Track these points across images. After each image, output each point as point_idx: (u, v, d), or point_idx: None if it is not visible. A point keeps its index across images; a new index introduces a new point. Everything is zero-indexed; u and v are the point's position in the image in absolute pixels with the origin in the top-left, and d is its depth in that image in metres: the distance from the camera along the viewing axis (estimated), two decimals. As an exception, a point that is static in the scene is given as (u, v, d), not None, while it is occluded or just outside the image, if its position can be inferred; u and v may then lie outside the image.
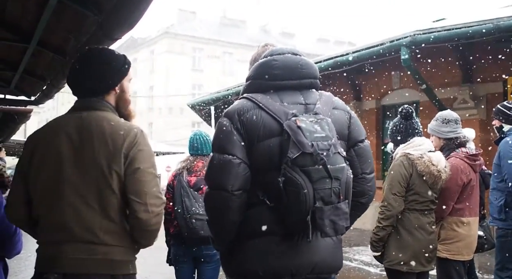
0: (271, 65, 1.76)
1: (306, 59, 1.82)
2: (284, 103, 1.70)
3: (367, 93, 10.16)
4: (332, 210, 1.56)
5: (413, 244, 2.99)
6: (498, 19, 6.34)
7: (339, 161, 1.58)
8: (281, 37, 42.40)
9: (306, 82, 1.78)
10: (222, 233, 1.73)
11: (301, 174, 1.52)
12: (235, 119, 1.67)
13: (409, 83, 8.76)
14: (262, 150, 1.64)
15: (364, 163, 1.79)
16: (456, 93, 8.05)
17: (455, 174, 3.19)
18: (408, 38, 6.99)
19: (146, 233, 1.76)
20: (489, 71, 7.64)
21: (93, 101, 1.84)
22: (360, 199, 1.79)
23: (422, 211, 3.05)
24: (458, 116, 3.45)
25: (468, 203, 3.31)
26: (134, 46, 40.94)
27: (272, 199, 1.62)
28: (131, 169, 1.72)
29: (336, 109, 1.78)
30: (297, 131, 1.56)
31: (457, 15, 9.72)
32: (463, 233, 3.26)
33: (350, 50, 8.67)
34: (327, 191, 1.54)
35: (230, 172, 1.62)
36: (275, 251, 1.64)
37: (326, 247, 1.70)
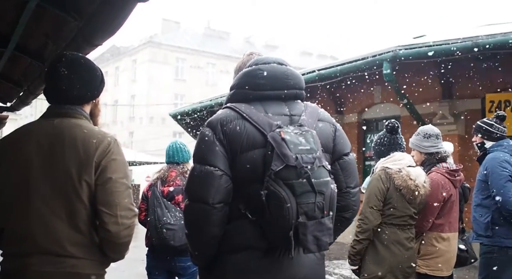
0: (256, 75, 1.72)
1: (292, 69, 1.78)
2: (268, 114, 1.65)
3: (348, 106, 10.24)
4: (315, 226, 1.51)
5: (389, 258, 2.97)
6: (477, 37, 6.48)
7: (323, 174, 1.54)
8: (265, 49, 42.68)
9: (292, 92, 1.74)
10: (202, 248, 1.66)
11: (284, 187, 1.47)
12: (217, 129, 1.61)
13: (391, 97, 8.86)
14: (245, 162, 1.58)
15: (349, 177, 1.75)
16: (436, 109, 8.17)
17: (435, 190, 3.20)
18: (390, 53, 7.08)
19: (115, 246, 1.69)
20: (468, 87, 7.79)
21: (67, 108, 1.77)
22: (344, 213, 1.74)
23: (400, 226, 3.03)
24: (439, 131, 3.48)
25: (448, 219, 3.31)
26: (117, 54, 40.68)
27: (254, 212, 1.57)
28: (103, 179, 1.66)
29: (321, 121, 1.74)
30: (281, 143, 1.51)
31: (437, 32, 9.93)
32: (442, 249, 3.26)
33: (333, 64, 8.76)
34: (310, 205, 1.49)
35: (211, 184, 1.56)
36: (256, 267, 1.58)
37: (309, 264, 1.65)
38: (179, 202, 3.30)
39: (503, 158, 3.51)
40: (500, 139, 3.67)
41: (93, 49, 2.58)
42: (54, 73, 1.78)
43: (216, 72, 37.61)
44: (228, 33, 42.82)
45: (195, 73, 36.68)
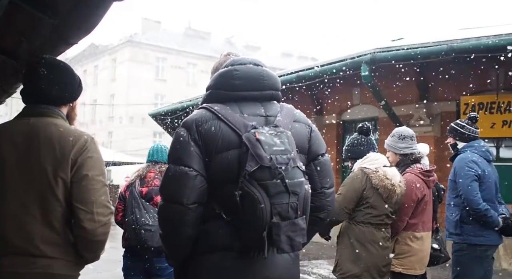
0: (232, 75, 1.72)
1: (268, 70, 1.78)
2: (244, 115, 1.65)
3: (328, 108, 10.34)
4: (289, 226, 1.51)
5: (366, 257, 3.02)
6: (453, 40, 6.63)
7: (297, 175, 1.54)
8: (246, 50, 42.67)
9: (268, 93, 1.74)
10: (176, 248, 1.66)
11: (258, 188, 1.47)
12: (192, 130, 1.61)
13: (369, 99, 8.99)
14: (220, 162, 1.58)
15: (324, 177, 1.76)
16: (413, 111, 8.32)
17: (409, 190, 3.26)
18: (368, 55, 7.18)
19: (91, 244, 1.68)
20: (444, 90, 7.96)
21: (44, 107, 1.77)
22: (319, 214, 1.75)
23: (377, 225, 3.08)
24: (414, 133, 3.55)
25: (422, 218, 3.38)
26: (95, 53, 40.09)
27: (229, 213, 1.57)
28: (79, 176, 1.65)
29: (297, 122, 1.75)
30: (255, 144, 1.51)
31: (415, 36, 10.11)
32: (416, 248, 3.33)
33: (312, 65, 8.83)
34: (284, 206, 1.50)
35: (186, 184, 1.55)
36: (230, 268, 1.58)
37: (283, 264, 1.65)
38: (157, 203, 3.26)
39: (470, 159, 3.63)
40: (472, 140, 3.77)
41: (69, 47, 2.56)
42: (33, 74, 1.79)
43: (197, 72, 37.44)
44: (209, 33, 42.69)
45: (175, 73, 36.45)
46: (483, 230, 3.57)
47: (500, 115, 7.55)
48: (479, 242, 3.57)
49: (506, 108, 7.52)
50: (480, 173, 3.58)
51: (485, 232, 3.57)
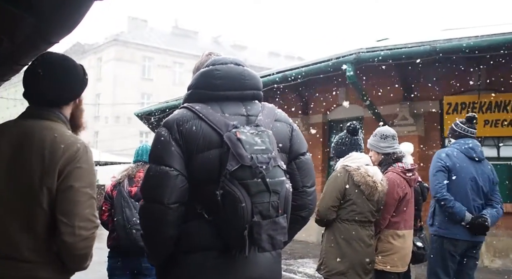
0: (213, 75, 1.72)
1: (249, 70, 1.79)
2: (225, 114, 1.65)
3: (314, 107, 10.39)
4: (270, 225, 1.53)
5: (351, 255, 3.06)
6: (435, 41, 6.73)
7: (278, 174, 1.54)
8: (233, 49, 42.63)
9: (249, 93, 1.75)
10: (158, 248, 1.65)
11: (239, 187, 1.48)
12: (174, 129, 1.60)
13: (355, 99, 9.05)
14: (201, 162, 1.58)
15: (305, 176, 1.76)
16: (397, 110, 8.40)
17: (391, 188, 3.31)
18: (353, 55, 7.24)
19: (72, 257, 1.62)
20: (427, 90, 8.06)
21: (44, 109, 1.72)
22: (300, 212, 1.76)
23: (361, 222, 3.12)
24: (395, 132, 3.61)
25: (404, 216, 3.43)
26: (81, 52, 39.66)
27: (210, 212, 1.57)
28: (64, 186, 1.59)
29: (278, 121, 1.75)
30: (236, 143, 1.52)
31: (400, 36, 10.22)
32: (398, 246, 3.38)
33: (298, 65, 8.86)
34: (265, 205, 1.50)
35: (166, 184, 1.55)
36: (212, 267, 1.58)
37: (265, 263, 1.66)
38: None
39: (444, 152, 3.76)
40: (461, 138, 3.82)
41: (50, 46, 2.54)
42: (30, 74, 1.77)
43: (183, 71, 37.27)
44: (196, 33, 42.54)
45: (162, 72, 36.26)
46: (450, 223, 3.64)
47: (482, 115, 7.67)
48: (445, 234, 3.66)
49: (487, 108, 7.65)
50: (449, 165, 3.67)
51: (452, 225, 3.64)
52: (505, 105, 7.52)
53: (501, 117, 7.53)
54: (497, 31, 6.49)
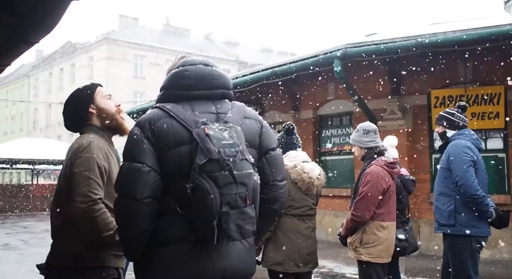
0: (182, 76, 1.80)
1: (218, 70, 1.86)
2: (195, 112, 1.72)
3: (304, 103, 10.43)
4: (238, 215, 1.60)
5: (288, 246, 3.24)
6: (421, 35, 6.78)
7: (246, 167, 1.62)
8: (225, 46, 42.58)
9: (218, 92, 1.82)
10: (132, 242, 1.70)
11: (208, 180, 1.55)
12: (146, 128, 1.68)
13: (344, 94, 9.10)
14: (172, 157, 1.64)
15: (276, 170, 1.83)
16: (386, 105, 8.46)
17: (376, 181, 3.38)
18: (340, 51, 7.29)
19: (78, 226, 2.01)
20: (415, 84, 8.13)
21: (82, 126, 2.30)
22: (272, 205, 1.83)
23: (300, 216, 3.32)
24: (376, 127, 3.68)
25: (388, 208, 3.49)
26: (72, 51, 39.46)
27: (183, 206, 1.62)
28: (69, 173, 2.07)
29: (247, 118, 1.82)
30: (205, 139, 1.59)
31: (388, 30, 10.28)
32: (383, 237, 3.44)
33: (287, 61, 8.90)
34: (233, 196, 1.58)
35: (139, 180, 1.61)
36: (186, 258, 1.63)
37: (238, 253, 1.70)
38: None
39: (465, 144, 3.60)
40: (462, 128, 3.75)
41: (30, 46, 2.55)
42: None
43: (176, 69, 37.21)
44: (188, 30, 42.43)
45: (154, 70, 36.16)
46: (476, 220, 3.52)
47: (469, 108, 7.70)
48: (473, 233, 3.50)
49: (474, 101, 7.73)
50: (475, 159, 3.56)
51: (479, 223, 3.53)
52: (491, 98, 7.61)
53: (488, 110, 7.62)
54: (481, 24, 6.55)
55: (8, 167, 21.71)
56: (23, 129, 44.15)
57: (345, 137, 9.72)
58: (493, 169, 7.57)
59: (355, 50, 7.22)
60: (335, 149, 9.92)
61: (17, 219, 16.36)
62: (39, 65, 43.87)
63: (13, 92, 47.73)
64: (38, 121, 42.63)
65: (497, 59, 6.96)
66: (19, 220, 15.79)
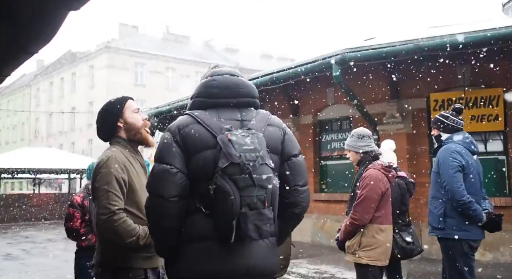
0: (210, 85, 1.95)
1: (244, 80, 2.00)
2: (221, 119, 1.86)
3: (304, 108, 10.46)
4: (256, 216, 1.72)
5: None
6: (419, 39, 6.81)
7: (265, 171, 1.72)
8: (225, 52, 42.71)
9: (244, 100, 1.95)
10: (162, 239, 1.85)
11: (229, 182, 1.67)
12: (175, 133, 1.84)
13: (343, 98, 9.13)
14: (198, 161, 1.79)
15: (297, 176, 1.93)
16: (385, 108, 8.48)
17: (375, 184, 3.40)
18: (339, 55, 7.31)
19: (101, 235, 2.30)
20: (414, 87, 8.16)
21: (111, 137, 2.51)
22: (293, 209, 1.93)
23: None
24: (370, 132, 3.73)
25: (385, 211, 3.51)
26: (73, 60, 39.63)
27: (207, 206, 1.76)
28: (92, 187, 2.32)
29: (271, 125, 1.94)
30: (227, 144, 1.72)
31: (386, 35, 10.32)
32: (381, 240, 3.45)
33: (285, 67, 8.93)
34: (252, 198, 1.70)
35: (167, 180, 1.77)
36: (210, 255, 1.76)
37: (259, 252, 1.81)
38: None
39: (454, 149, 3.59)
40: (456, 131, 3.73)
41: (29, 56, 2.59)
42: None
43: (176, 76, 37.32)
44: (188, 37, 42.58)
45: (155, 78, 36.27)
46: (466, 224, 3.51)
47: (468, 110, 7.76)
48: (462, 236, 3.50)
49: (473, 104, 7.75)
50: (464, 164, 3.54)
51: (469, 226, 3.51)
52: (490, 100, 7.63)
53: (487, 112, 7.64)
54: (478, 28, 6.58)
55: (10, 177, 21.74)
56: (25, 139, 44.23)
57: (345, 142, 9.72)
58: (493, 171, 7.57)
59: (353, 55, 7.25)
60: (335, 154, 9.93)
61: (18, 228, 16.35)
62: (40, 74, 44.05)
63: (14, 101, 47.91)
64: (39, 130, 42.73)
65: (495, 61, 6.99)
66: (21, 230, 15.78)
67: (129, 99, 2.56)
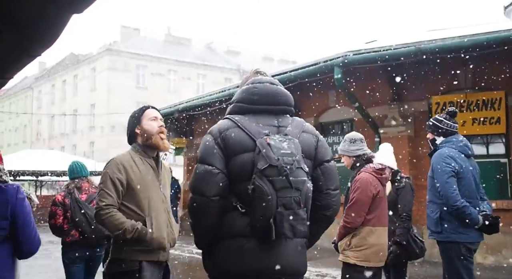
0: (251, 92, 2.09)
1: (282, 89, 2.14)
2: (259, 124, 2.00)
3: (306, 111, 10.46)
4: (291, 215, 1.84)
5: None
6: (420, 42, 6.82)
7: (301, 174, 1.85)
8: (226, 55, 42.75)
9: (281, 108, 2.09)
10: (201, 234, 2.02)
11: (267, 183, 1.80)
12: (216, 136, 1.98)
13: (345, 101, 9.13)
14: (238, 162, 1.92)
15: (329, 180, 2.06)
16: (387, 111, 8.48)
17: (365, 187, 3.43)
18: (340, 58, 7.33)
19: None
20: (415, 90, 8.16)
21: (132, 142, 2.79)
22: (325, 212, 2.06)
23: None
24: (362, 136, 3.76)
25: (377, 214, 3.53)
26: (75, 62, 39.73)
27: (244, 205, 1.89)
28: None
29: (305, 132, 2.07)
30: (266, 147, 1.85)
31: (388, 37, 10.33)
32: (372, 242, 3.48)
33: (287, 69, 8.95)
34: (288, 199, 1.82)
35: (209, 180, 1.90)
36: (245, 251, 1.88)
37: (291, 251, 1.92)
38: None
39: (447, 154, 3.61)
40: (450, 135, 3.74)
41: (32, 59, 2.60)
42: None
43: (178, 79, 37.34)
44: (189, 40, 42.62)
45: (156, 81, 36.28)
46: (463, 227, 3.52)
47: (470, 113, 7.77)
48: (460, 239, 3.51)
49: (475, 107, 7.75)
50: (457, 168, 3.55)
51: (466, 229, 3.53)
52: (492, 103, 7.62)
53: (489, 115, 7.64)
54: (479, 30, 6.59)
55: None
56: (27, 141, 44.30)
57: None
58: (495, 174, 7.56)
59: (355, 58, 7.27)
60: (337, 157, 9.91)
61: (20, 230, 16.32)
62: (42, 77, 44.15)
63: (16, 104, 47.99)
64: (41, 132, 42.80)
65: (497, 64, 6.99)
66: (23, 232, 15.75)
67: (148, 108, 2.80)
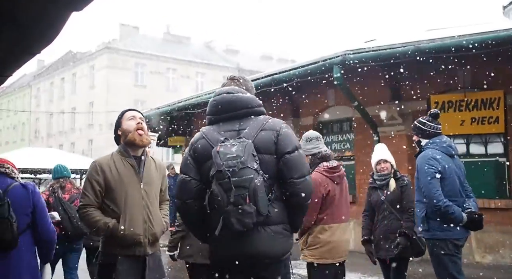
0: (212, 104, 2.40)
1: (239, 95, 2.37)
2: (221, 132, 2.28)
3: (305, 109, 10.46)
4: (237, 211, 2.06)
5: (198, 243, 3.38)
6: (419, 41, 6.82)
7: (247, 173, 2.07)
8: (225, 53, 42.73)
9: (242, 112, 2.33)
10: (192, 230, 2.48)
11: (218, 186, 2.09)
12: (190, 148, 2.33)
13: (344, 100, 9.12)
14: (205, 169, 2.22)
15: (292, 170, 2.21)
16: (386, 110, 8.47)
17: (315, 187, 3.45)
18: (339, 57, 7.32)
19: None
20: (414, 89, 8.15)
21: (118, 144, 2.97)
22: (293, 199, 2.24)
23: None
24: (319, 134, 3.86)
25: (330, 212, 3.62)
26: (73, 60, 39.67)
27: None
28: None
29: (264, 130, 2.26)
30: (216, 155, 2.13)
31: (387, 36, 10.33)
32: (325, 239, 3.57)
33: (286, 68, 8.93)
34: (236, 197, 2.05)
35: (184, 187, 2.28)
36: (225, 241, 2.17)
37: (262, 239, 2.16)
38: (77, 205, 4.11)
39: (430, 156, 3.71)
40: (434, 136, 3.84)
41: (32, 57, 2.61)
42: None
43: (177, 77, 37.33)
44: (188, 38, 42.59)
45: (155, 79, 36.27)
46: (448, 224, 3.62)
47: (468, 113, 7.78)
48: (446, 236, 3.62)
49: (473, 106, 7.76)
50: (440, 169, 3.65)
51: (451, 226, 3.62)
52: (491, 103, 7.63)
53: (487, 115, 7.65)
54: (478, 30, 6.59)
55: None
56: (25, 139, 44.23)
57: (345, 143, 9.74)
58: (494, 173, 7.58)
59: (353, 57, 7.26)
60: (336, 155, 9.92)
61: (19, 228, 16.30)
62: (41, 74, 44.07)
63: (14, 101, 47.91)
64: (40, 130, 42.74)
65: (496, 64, 6.99)
66: (21, 230, 15.73)
67: (128, 111, 3.01)
